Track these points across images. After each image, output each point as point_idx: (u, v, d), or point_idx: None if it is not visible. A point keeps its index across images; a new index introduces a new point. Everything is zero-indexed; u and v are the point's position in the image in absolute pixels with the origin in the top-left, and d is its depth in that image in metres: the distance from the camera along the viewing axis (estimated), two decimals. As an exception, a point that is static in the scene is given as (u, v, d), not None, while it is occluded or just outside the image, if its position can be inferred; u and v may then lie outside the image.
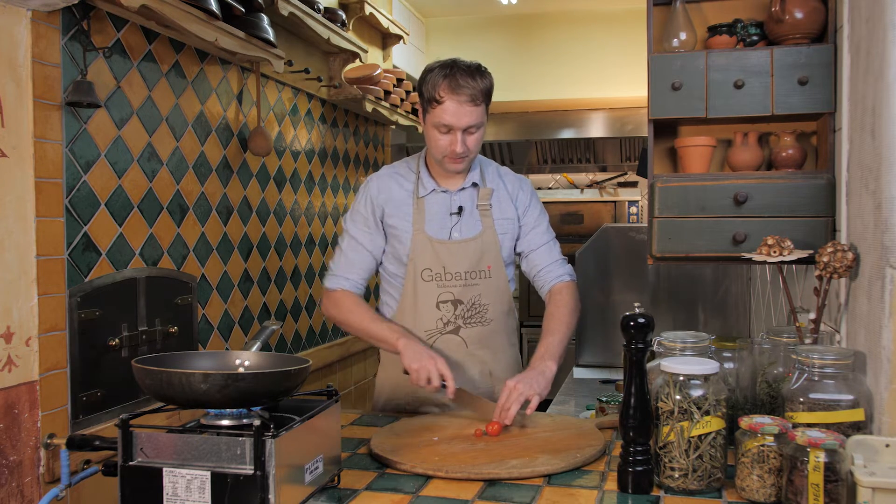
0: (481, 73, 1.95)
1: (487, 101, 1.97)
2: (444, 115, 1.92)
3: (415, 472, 1.50)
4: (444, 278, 2.03)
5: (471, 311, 2.05)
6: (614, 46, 5.00)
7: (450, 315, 2.04)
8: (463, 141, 1.94)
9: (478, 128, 1.96)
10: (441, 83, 1.91)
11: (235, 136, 2.78)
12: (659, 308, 3.03)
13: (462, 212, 2.05)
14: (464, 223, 2.05)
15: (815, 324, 1.55)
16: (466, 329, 2.05)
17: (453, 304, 2.04)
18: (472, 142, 1.96)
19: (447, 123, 1.92)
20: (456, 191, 2.07)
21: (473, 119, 1.93)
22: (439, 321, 2.04)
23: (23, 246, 1.81)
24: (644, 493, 1.37)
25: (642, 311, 1.39)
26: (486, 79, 1.96)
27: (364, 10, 3.69)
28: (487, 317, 2.06)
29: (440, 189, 2.06)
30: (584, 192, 5.60)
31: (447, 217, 2.05)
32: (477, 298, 2.04)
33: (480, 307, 2.05)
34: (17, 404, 1.78)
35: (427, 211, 2.05)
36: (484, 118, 1.97)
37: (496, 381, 2.07)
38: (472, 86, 1.90)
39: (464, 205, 2.06)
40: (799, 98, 1.75)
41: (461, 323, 2.04)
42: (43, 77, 1.86)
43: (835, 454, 1.20)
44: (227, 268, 2.73)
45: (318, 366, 3.36)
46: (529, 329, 5.51)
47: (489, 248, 2.03)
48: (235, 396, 1.25)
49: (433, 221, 2.04)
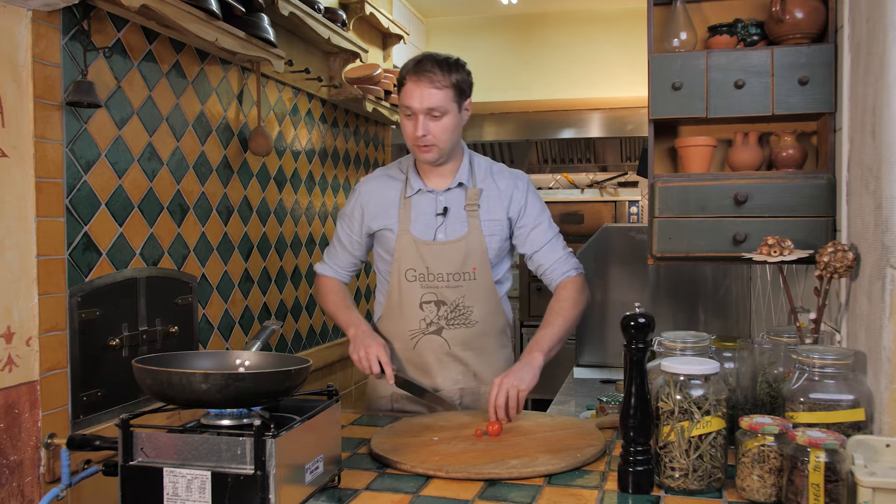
0: (451, 65, 1.96)
1: (457, 92, 1.96)
2: (404, 97, 1.96)
3: (415, 472, 1.50)
4: (427, 279, 2.03)
5: (454, 312, 2.05)
6: (614, 46, 5.00)
7: (433, 316, 2.04)
8: (425, 125, 1.94)
9: (442, 113, 1.94)
10: (409, 67, 1.96)
11: (236, 135, 2.78)
12: (659, 308, 3.03)
13: (447, 213, 2.05)
14: (449, 224, 2.04)
15: (815, 324, 1.55)
16: (449, 330, 2.05)
17: (437, 305, 2.04)
18: (438, 129, 1.95)
19: (407, 104, 1.95)
20: (442, 191, 2.06)
21: (434, 101, 1.92)
22: (422, 321, 2.05)
23: (23, 246, 1.81)
24: (644, 493, 1.37)
25: (642, 311, 1.39)
26: (457, 71, 1.96)
27: (364, 10, 3.68)
28: (472, 318, 2.06)
29: (426, 189, 2.06)
30: (584, 192, 5.60)
31: (433, 218, 2.05)
32: (461, 300, 2.04)
33: (464, 309, 2.05)
34: (18, 404, 1.78)
35: (413, 211, 2.06)
36: (450, 107, 1.96)
37: (481, 382, 2.08)
38: (436, 71, 1.93)
39: (450, 205, 2.05)
40: (799, 98, 1.75)
41: (444, 324, 2.05)
42: (43, 77, 1.86)
43: (835, 454, 1.20)
44: (228, 268, 2.73)
45: (318, 366, 3.35)
46: (530, 329, 5.51)
47: (474, 250, 2.03)
48: (236, 396, 1.26)
49: (419, 222, 2.05)
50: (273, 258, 3.08)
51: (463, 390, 2.09)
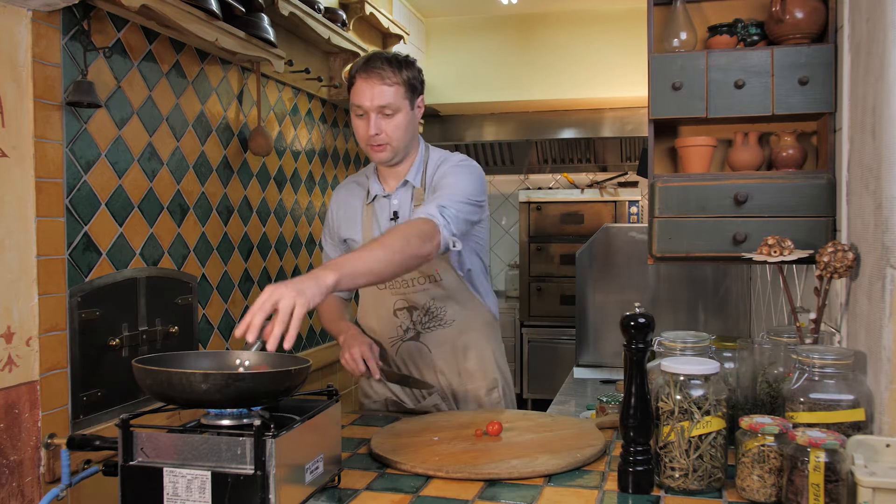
0: (401, 62, 1.93)
1: (409, 89, 1.93)
2: (355, 96, 1.92)
3: (415, 472, 1.50)
4: (396, 286, 2.01)
5: (427, 315, 2.03)
6: (614, 46, 5.00)
7: (407, 322, 2.04)
8: (376, 123, 1.90)
9: (394, 111, 1.91)
10: (358, 66, 1.92)
11: (236, 135, 2.78)
12: (659, 308, 3.03)
13: (398, 217, 2.01)
14: None
15: (815, 324, 1.55)
16: (427, 334, 2.04)
17: (409, 311, 2.03)
18: (391, 127, 1.91)
19: (358, 103, 1.91)
20: (394, 192, 2.03)
21: (384, 99, 1.89)
22: (399, 328, 2.04)
23: (23, 246, 1.81)
24: (644, 493, 1.37)
25: (642, 311, 1.39)
26: (407, 68, 1.93)
27: (364, 9, 3.68)
28: (446, 318, 2.04)
29: (382, 194, 2.04)
30: (584, 192, 5.59)
31: (388, 223, 2.01)
32: (431, 302, 2.03)
33: (437, 310, 2.03)
34: (18, 404, 1.78)
35: (375, 217, 2.04)
36: (402, 104, 1.92)
37: (469, 377, 2.07)
38: (385, 68, 1.89)
39: (399, 208, 2.01)
40: (799, 98, 1.75)
41: (420, 329, 2.04)
42: (43, 77, 1.86)
43: (835, 454, 1.20)
44: (228, 268, 2.73)
45: (318, 366, 3.35)
46: (530, 329, 5.52)
47: None
48: (235, 396, 1.25)
49: (378, 229, 2.02)
50: (273, 258, 3.08)
51: (450, 389, 2.09)
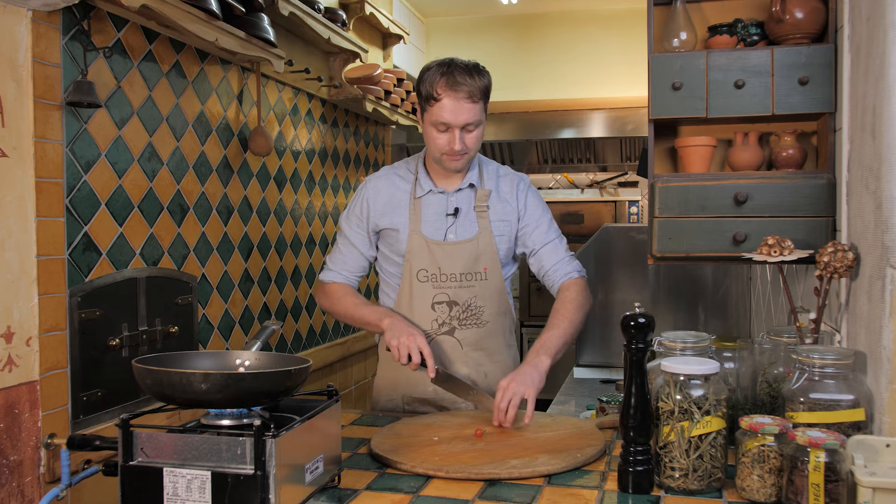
0: (479, 72, 1.95)
1: (485, 100, 1.97)
2: (441, 113, 1.92)
3: (415, 472, 1.50)
4: (439, 279, 2.03)
5: (466, 312, 2.04)
6: (614, 46, 5.00)
7: (445, 316, 2.04)
8: (461, 139, 1.94)
9: (476, 125, 1.96)
10: (439, 81, 1.91)
11: (236, 135, 2.78)
12: (659, 308, 3.03)
13: (458, 213, 2.05)
14: (460, 225, 2.04)
15: (815, 324, 1.55)
16: (461, 330, 2.05)
17: (448, 306, 2.04)
18: (471, 140, 1.96)
19: (445, 121, 1.92)
20: (453, 192, 2.06)
21: (471, 116, 1.93)
22: (434, 322, 2.04)
23: (23, 246, 1.81)
24: (644, 493, 1.37)
25: (642, 311, 1.39)
26: (483, 77, 1.96)
27: (364, 9, 3.69)
28: (483, 318, 2.06)
29: (437, 190, 2.06)
30: (584, 192, 5.60)
31: (443, 218, 2.05)
32: (473, 300, 2.04)
33: (476, 309, 2.05)
34: (18, 404, 1.78)
35: (424, 212, 2.05)
36: (482, 116, 1.97)
37: (491, 381, 2.07)
38: (469, 83, 1.91)
39: (460, 206, 2.05)
40: (799, 98, 1.75)
41: (456, 324, 2.04)
42: (43, 77, 1.86)
43: (835, 454, 1.20)
44: (228, 268, 2.73)
45: (318, 366, 3.36)
46: (530, 329, 5.52)
47: (485, 250, 2.03)
48: (235, 396, 1.25)
49: (429, 222, 2.04)
50: (273, 258, 3.08)
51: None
